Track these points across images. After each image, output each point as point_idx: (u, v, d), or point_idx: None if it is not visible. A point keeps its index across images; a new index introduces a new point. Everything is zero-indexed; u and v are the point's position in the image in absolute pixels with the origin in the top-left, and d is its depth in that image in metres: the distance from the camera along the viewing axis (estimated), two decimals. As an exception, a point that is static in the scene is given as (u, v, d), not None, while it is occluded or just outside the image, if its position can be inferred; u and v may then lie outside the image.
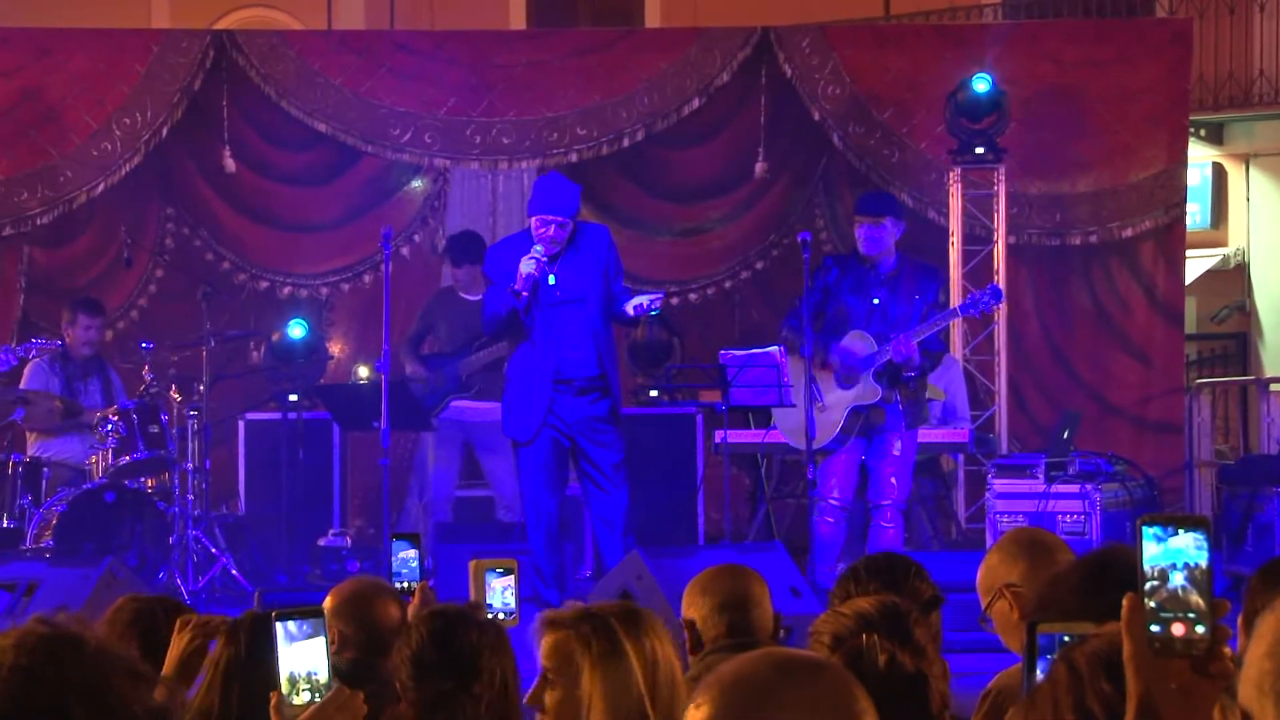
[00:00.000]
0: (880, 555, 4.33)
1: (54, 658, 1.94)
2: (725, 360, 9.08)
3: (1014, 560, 3.91)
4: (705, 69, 12.23)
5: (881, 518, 9.07)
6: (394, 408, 9.60)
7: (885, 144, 12.14)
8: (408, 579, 4.28)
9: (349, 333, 12.36)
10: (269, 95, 12.14)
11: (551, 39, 13.20)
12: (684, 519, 10.84)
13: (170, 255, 12.21)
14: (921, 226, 12.14)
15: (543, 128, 12.26)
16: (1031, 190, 12.13)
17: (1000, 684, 3.63)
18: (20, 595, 7.71)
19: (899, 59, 12.35)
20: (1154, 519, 2.00)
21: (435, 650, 3.53)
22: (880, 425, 9.07)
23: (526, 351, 8.73)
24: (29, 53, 12.13)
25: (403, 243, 12.14)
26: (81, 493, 9.91)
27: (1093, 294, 12.26)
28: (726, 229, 12.41)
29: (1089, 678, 2.14)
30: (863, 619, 3.29)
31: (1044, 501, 9.62)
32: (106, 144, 12.01)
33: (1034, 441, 11.45)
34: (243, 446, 11.35)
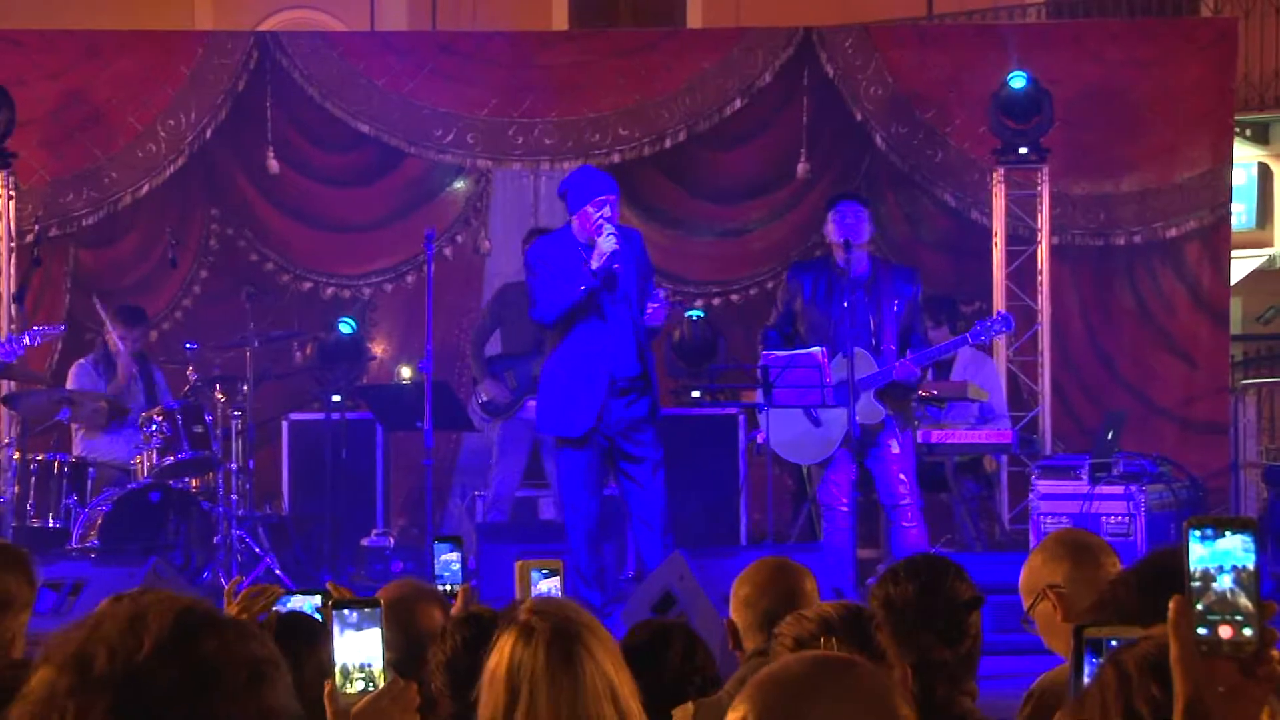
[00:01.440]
0: (919, 556, 4.32)
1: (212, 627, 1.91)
2: (767, 361, 9.07)
3: (1057, 561, 3.90)
4: (747, 69, 12.22)
5: (902, 519, 9.05)
6: (437, 408, 9.63)
7: (928, 144, 12.11)
8: (450, 581, 4.28)
9: (392, 333, 12.38)
10: (312, 96, 12.19)
11: (593, 39, 13.21)
12: (726, 519, 10.83)
13: (214, 256, 12.26)
14: (964, 227, 12.12)
15: (585, 128, 12.26)
16: (1075, 190, 12.09)
17: (1044, 685, 3.62)
18: (66, 594, 7.75)
19: (942, 59, 12.31)
20: (1201, 521, 1.99)
21: (468, 656, 3.52)
22: (876, 434, 9.07)
23: (579, 347, 8.67)
24: (75, 55, 12.20)
25: (445, 243, 12.17)
26: (126, 492, 9.97)
27: (1137, 294, 12.20)
28: (768, 229, 12.40)
29: (1138, 681, 2.13)
30: (824, 622, 3.35)
31: (1088, 503, 9.58)
32: (151, 145, 12.07)
33: (1078, 442, 11.40)
34: (286, 447, 11.40)
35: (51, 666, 1.87)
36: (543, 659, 3.01)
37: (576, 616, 3.12)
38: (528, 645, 3.03)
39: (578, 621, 3.10)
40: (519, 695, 3.01)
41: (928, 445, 9.97)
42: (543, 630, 3.05)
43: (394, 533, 11.28)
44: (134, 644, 1.86)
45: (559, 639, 3.04)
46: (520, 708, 3.00)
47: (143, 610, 1.89)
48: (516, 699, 3.01)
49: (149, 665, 1.84)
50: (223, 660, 1.87)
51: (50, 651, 1.89)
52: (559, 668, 3.01)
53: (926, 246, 12.20)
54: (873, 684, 2.08)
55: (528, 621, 3.07)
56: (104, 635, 1.87)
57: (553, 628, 3.05)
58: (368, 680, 2.81)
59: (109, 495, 10.01)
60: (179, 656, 1.86)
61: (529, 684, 3.00)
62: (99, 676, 1.84)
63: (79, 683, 1.84)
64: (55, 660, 1.87)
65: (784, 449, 9.24)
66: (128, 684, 1.84)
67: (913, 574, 3.98)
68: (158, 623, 1.88)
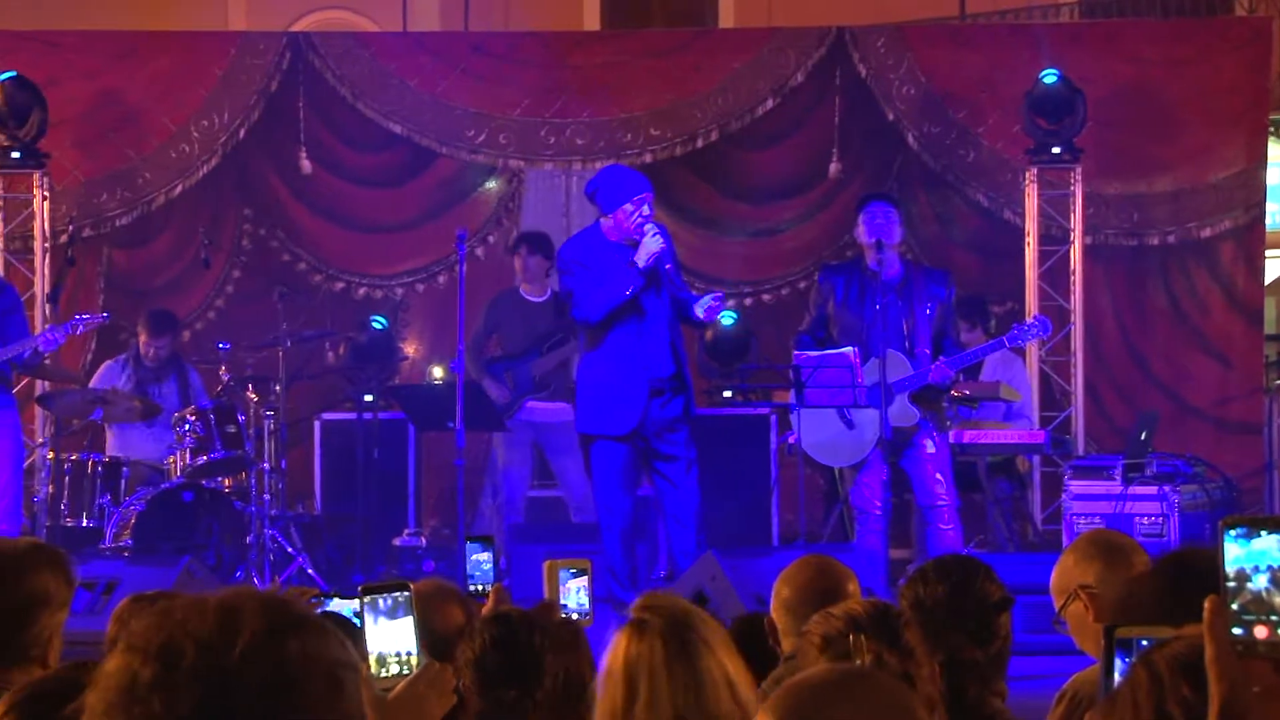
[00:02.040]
0: (949, 556, 4.31)
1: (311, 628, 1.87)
2: (799, 361, 9.06)
3: (1089, 562, 3.89)
4: (779, 69, 12.21)
5: (939, 520, 9.03)
6: (469, 408, 9.64)
7: (960, 144, 12.09)
8: (481, 581, 4.28)
9: (423, 333, 12.40)
10: (345, 97, 12.21)
11: (625, 40, 13.21)
12: (758, 519, 10.83)
13: (247, 256, 12.30)
14: (997, 227, 12.09)
15: (616, 128, 12.27)
16: (1109, 190, 12.05)
17: (1076, 685, 3.62)
18: (99, 593, 7.78)
19: (974, 58, 12.29)
20: (1236, 520, 1.98)
21: (497, 655, 3.52)
22: (910, 435, 9.05)
23: (619, 346, 8.66)
24: (109, 55, 12.25)
25: (477, 243, 12.19)
26: (160, 492, 10.01)
27: (1170, 294, 12.16)
28: (800, 229, 12.39)
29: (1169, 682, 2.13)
30: (852, 620, 3.34)
31: (1121, 503, 9.55)
32: (185, 146, 12.11)
33: (1111, 443, 11.36)
34: (318, 446, 11.43)
35: (135, 654, 1.81)
36: (660, 651, 3.00)
37: (688, 608, 3.13)
38: (642, 639, 3.02)
39: (690, 613, 3.10)
40: (638, 689, 3.00)
41: (960, 445, 9.95)
42: (656, 624, 3.04)
43: (425, 533, 11.29)
44: (225, 641, 1.81)
45: (674, 631, 3.03)
46: (640, 702, 2.99)
47: (234, 606, 1.85)
48: (636, 693, 3.00)
49: (238, 666, 1.80)
50: (306, 663, 1.83)
51: (133, 639, 1.83)
52: (676, 659, 3.00)
53: (959, 247, 12.18)
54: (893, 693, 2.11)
55: (640, 617, 3.07)
56: (192, 629, 1.82)
57: (666, 620, 3.05)
58: (402, 665, 2.81)
59: (142, 495, 10.04)
60: (267, 658, 1.81)
61: (648, 677, 2.99)
62: (186, 670, 1.79)
63: (164, 676, 1.79)
64: (139, 647, 1.82)
65: (816, 451, 9.23)
66: (215, 683, 1.79)
67: (943, 574, 3.98)
68: (251, 621, 1.83)
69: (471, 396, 9.88)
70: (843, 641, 3.29)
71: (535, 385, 10.73)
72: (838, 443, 9.14)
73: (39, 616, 3.45)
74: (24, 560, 3.48)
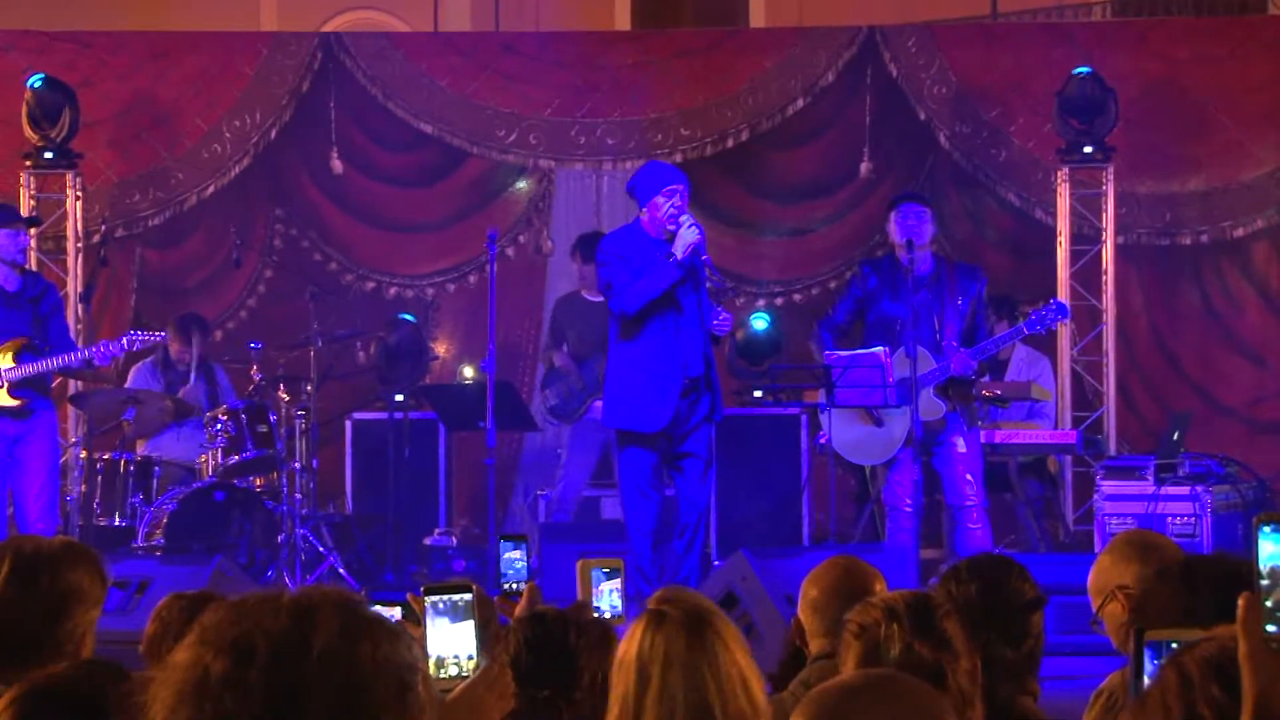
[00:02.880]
0: (983, 555, 4.31)
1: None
2: (829, 360, 9.06)
3: (1126, 562, 3.88)
4: (810, 69, 12.20)
5: (968, 519, 9.01)
6: (499, 408, 9.65)
7: (992, 143, 12.07)
8: (514, 579, 4.29)
9: (454, 333, 12.42)
10: (375, 97, 12.24)
11: (656, 40, 13.21)
12: (789, 520, 10.82)
13: (279, 256, 12.33)
14: (1028, 226, 12.07)
15: (647, 128, 12.27)
16: (1140, 189, 12.01)
17: (1113, 684, 3.61)
18: (132, 593, 7.81)
19: (1006, 58, 12.26)
20: (1271, 518, 1.98)
21: (531, 656, 3.51)
22: (940, 433, 9.03)
23: (654, 342, 8.64)
24: (142, 56, 12.30)
25: (508, 243, 12.20)
26: (191, 491, 10.04)
27: (1203, 294, 12.12)
28: (831, 229, 12.38)
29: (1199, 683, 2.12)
30: (888, 610, 3.32)
31: (1153, 503, 9.52)
32: (217, 146, 12.15)
33: (1143, 443, 11.33)
34: (349, 446, 11.46)
35: (207, 648, 1.81)
36: (679, 642, 3.00)
37: (706, 603, 3.12)
38: (659, 630, 3.02)
39: (708, 608, 3.10)
40: (649, 679, 2.99)
41: (990, 445, 9.92)
42: (675, 615, 3.03)
43: (456, 532, 11.31)
44: (300, 641, 1.81)
45: (693, 623, 3.03)
46: (651, 692, 2.98)
47: (309, 605, 1.84)
48: (647, 684, 2.99)
49: (313, 667, 1.79)
50: (377, 666, 1.83)
51: (205, 633, 1.83)
52: (695, 650, 3.00)
53: (990, 246, 12.15)
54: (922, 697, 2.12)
55: (658, 609, 3.06)
56: (266, 626, 1.81)
57: (685, 613, 3.04)
58: (461, 668, 2.81)
59: (174, 494, 10.08)
60: (341, 659, 1.81)
61: (661, 667, 2.98)
62: (260, 668, 1.79)
63: (237, 672, 1.79)
64: (211, 642, 1.82)
65: (847, 450, 9.22)
66: (288, 683, 1.79)
67: (975, 573, 3.97)
68: (326, 622, 1.82)
69: (502, 396, 9.89)
70: (875, 630, 3.27)
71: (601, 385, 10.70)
72: (867, 441, 9.13)
73: (73, 613, 3.47)
74: (59, 558, 3.50)
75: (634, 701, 2.99)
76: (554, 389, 10.80)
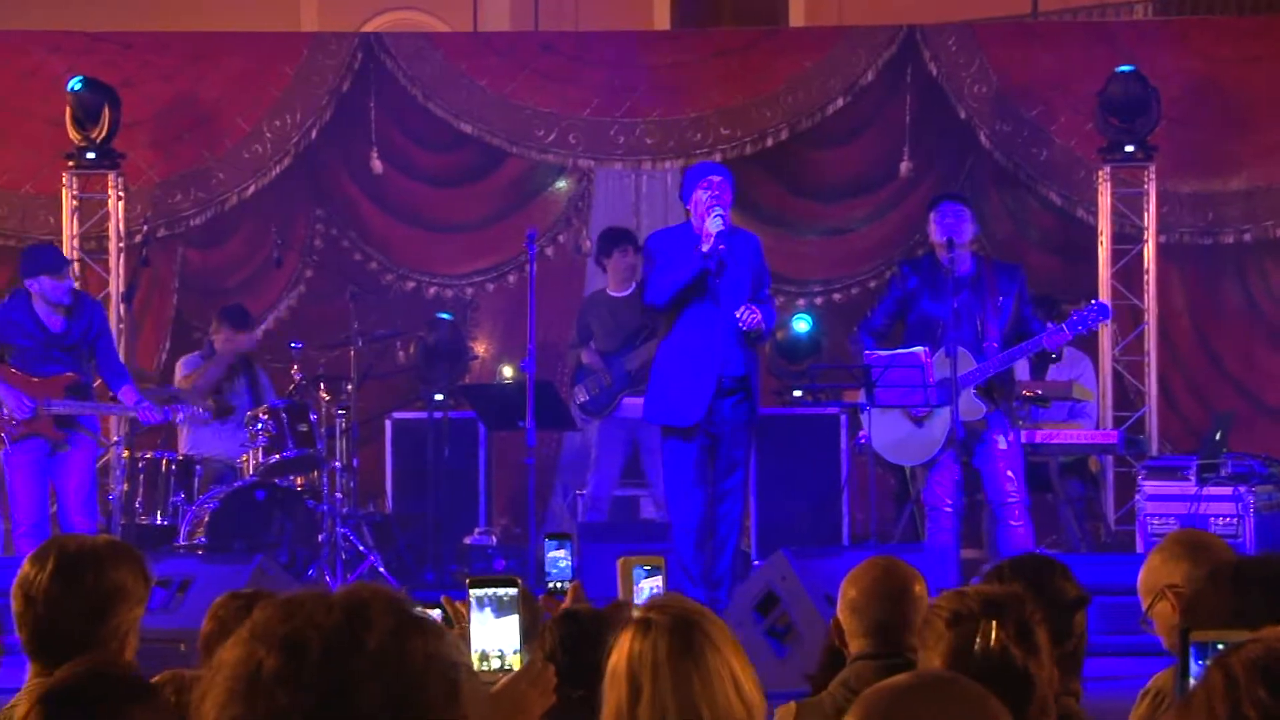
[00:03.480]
0: (1026, 555, 4.29)
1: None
2: (869, 360, 9.04)
3: (1176, 561, 3.86)
4: (850, 68, 12.18)
5: (1010, 517, 8.97)
6: (539, 407, 9.66)
7: (1033, 142, 12.03)
8: (559, 578, 4.29)
9: (494, 333, 12.44)
10: (415, 97, 12.26)
11: (695, 39, 13.20)
12: (829, 520, 10.80)
13: (319, 255, 12.36)
14: (1070, 225, 12.02)
15: (686, 127, 12.27)
16: (1183, 189, 11.95)
17: (1160, 684, 3.60)
18: (174, 592, 7.85)
19: (1047, 56, 12.22)
20: None
21: (565, 655, 3.51)
22: (981, 432, 8.99)
23: (690, 337, 8.66)
24: (184, 56, 12.34)
25: (547, 243, 12.21)
26: (233, 490, 10.08)
27: (1246, 293, 12.06)
28: (871, 228, 12.35)
29: (1245, 685, 2.11)
30: (988, 604, 3.21)
31: (1196, 504, 9.48)
32: (258, 146, 12.19)
33: (1185, 443, 11.28)
34: (390, 445, 11.48)
35: (258, 643, 1.81)
36: (664, 649, 2.99)
37: (693, 607, 3.11)
38: (646, 638, 3.01)
39: (695, 612, 3.09)
40: (641, 688, 2.99)
41: (1032, 445, 9.89)
42: (661, 622, 3.03)
43: (496, 531, 11.33)
44: (353, 637, 1.80)
45: (678, 629, 3.02)
46: (644, 701, 2.98)
47: (361, 602, 1.84)
48: (639, 693, 2.99)
49: (366, 663, 1.79)
50: (428, 663, 1.83)
51: (256, 628, 1.82)
52: (681, 657, 2.99)
53: (1031, 245, 12.11)
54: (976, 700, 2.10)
55: (644, 616, 3.06)
56: (318, 621, 1.81)
57: (671, 619, 3.04)
58: (504, 662, 2.80)
59: (216, 493, 10.12)
60: (393, 656, 1.80)
61: (651, 675, 2.98)
62: (312, 664, 1.78)
63: (289, 668, 1.78)
64: (262, 638, 1.81)
65: (887, 450, 9.19)
66: (341, 679, 1.78)
67: (1018, 572, 3.95)
68: (379, 619, 1.82)
69: (542, 395, 9.90)
70: (972, 624, 3.21)
71: (632, 380, 10.71)
72: (907, 441, 9.11)
73: (117, 611, 3.48)
74: (103, 556, 3.52)
75: (627, 711, 2.99)
76: (584, 385, 10.81)
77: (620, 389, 10.71)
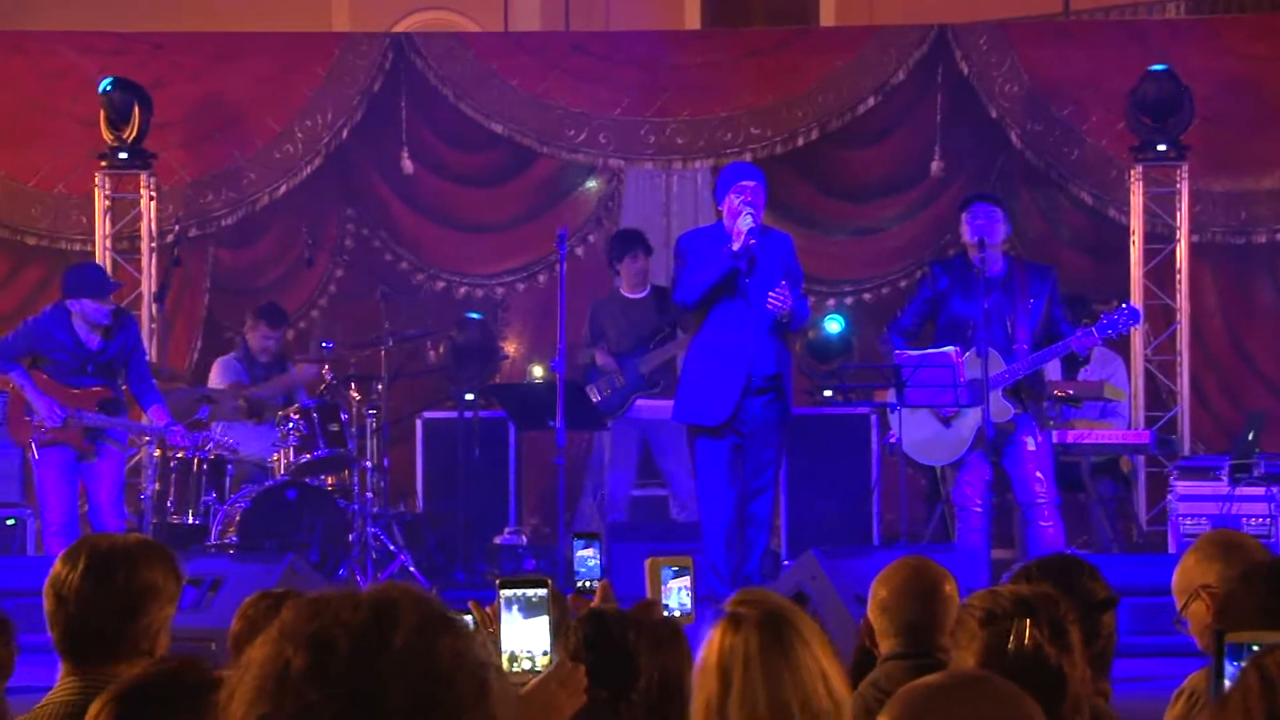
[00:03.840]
0: (1054, 554, 4.27)
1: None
2: (899, 360, 9.02)
3: (1210, 562, 3.85)
4: (881, 67, 12.16)
5: (1040, 518, 8.93)
6: (569, 407, 9.67)
7: (1064, 141, 11.99)
8: (587, 577, 4.29)
9: (524, 332, 12.44)
10: (446, 97, 12.28)
11: (725, 39, 13.20)
12: (859, 520, 10.79)
13: (350, 255, 12.38)
14: (1101, 225, 11.99)
15: (717, 127, 12.26)
16: (1215, 188, 11.91)
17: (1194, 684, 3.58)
18: (205, 590, 7.86)
19: (1078, 55, 12.18)
20: None
21: (590, 653, 3.50)
22: (1010, 433, 8.96)
23: (719, 337, 8.66)
24: (214, 57, 12.37)
25: (577, 243, 12.22)
26: (264, 490, 10.10)
27: (1279, 292, 12.01)
28: (901, 228, 12.33)
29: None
30: (1021, 603, 3.23)
31: (1228, 504, 9.45)
32: (288, 146, 12.22)
33: (1218, 443, 11.24)
34: (420, 445, 11.50)
35: (286, 642, 1.81)
36: (756, 643, 3.01)
37: (782, 603, 3.13)
38: (737, 632, 3.03)
39: (784, 607, 3.11)
40: (731, 682, 3.00)
41: (1063, 445, 9.86)
42: (751, 617, 3.05)
43: (526, 531, 11.34)
44: (380, 635, 1.80)
45: (768, 623, 3.04)
46: (734, 694, 2.99)
47: (389, 600, 1.84)
48: (729, 686, 3.00)
49: (394, 660, 1.79)
50: (456, 661, 1.83)
51: (284, 626, 1.82)
52: (771, 650, 3.01)
53: (1063, 245, 12.08)
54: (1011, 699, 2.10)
55: (734, 612, 3.07)
56: (345, 619, 1.81)
57: (761, 613, 3.05)
58: (534, 663, 2.81)
59: (247, 492, 10.14)
60: (421, 654, 1.81)
61: (742, 669, 3.00)
62: (340, 661, 1.78)
63: (317, 666, 1.78)
64: (290, 636, 1.81)
65: (916, 449, 9.18)
66: (369, 677, 1.78)
67: (1046, 572, 3.94)
68: (407, 616, 1.82)
69: (572, 396, 9.91)
70: (1006, 622, 3.21)
71: (644, 382, 10.74)
72: (936, 441, 9.09)
73: (148, 610, 3.49)
74: (134, 555, 3.52)
75: (717, 705, 3.00)
76: (596, 386, 10.82)
77: (633, 390, 10.74)
